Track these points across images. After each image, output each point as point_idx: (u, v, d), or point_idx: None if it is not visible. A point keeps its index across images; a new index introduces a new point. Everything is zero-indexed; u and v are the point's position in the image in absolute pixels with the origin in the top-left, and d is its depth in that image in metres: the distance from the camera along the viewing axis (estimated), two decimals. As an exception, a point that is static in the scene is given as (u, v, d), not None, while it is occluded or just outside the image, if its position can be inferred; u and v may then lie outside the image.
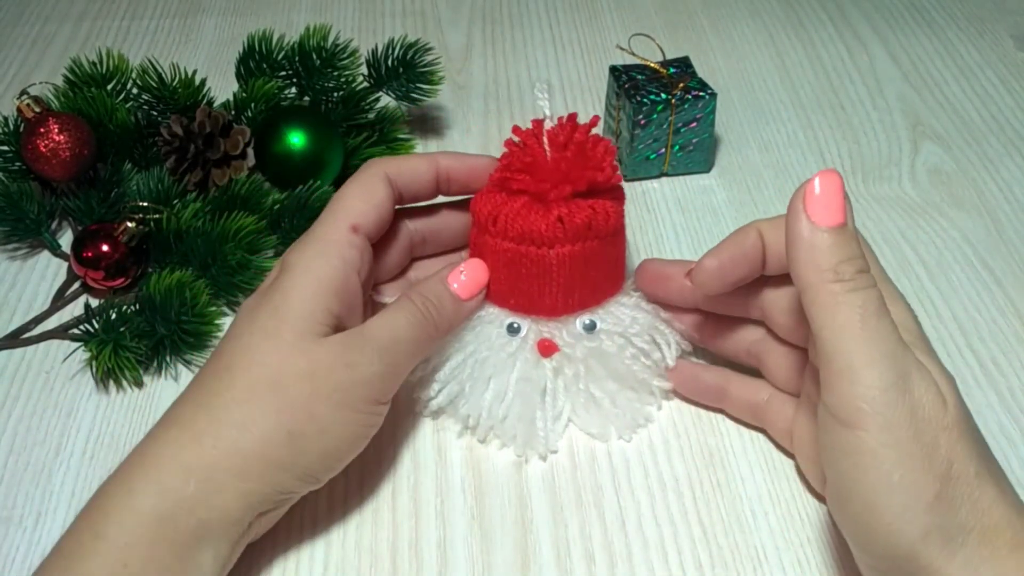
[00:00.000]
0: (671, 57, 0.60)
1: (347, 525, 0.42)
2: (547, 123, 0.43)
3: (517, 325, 0.44)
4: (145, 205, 0.53)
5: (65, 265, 0.55)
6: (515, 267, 0.43)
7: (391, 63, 0.60)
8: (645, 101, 0.57)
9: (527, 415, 0.44)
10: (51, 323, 0.52)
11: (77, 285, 0.53)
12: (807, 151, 0.63)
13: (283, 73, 0.60)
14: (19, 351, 0.50)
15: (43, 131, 0.53)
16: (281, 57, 0.60)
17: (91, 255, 0.51)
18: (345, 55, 0.59)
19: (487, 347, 0.44)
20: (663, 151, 0.59)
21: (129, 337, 0.47)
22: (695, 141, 0.59)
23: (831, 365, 0.34)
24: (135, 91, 0.59)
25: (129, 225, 0.51)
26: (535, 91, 0.44)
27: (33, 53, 0.73)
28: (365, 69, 0.61)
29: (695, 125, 0.58)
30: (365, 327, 0.40)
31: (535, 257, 0.43)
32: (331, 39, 0.60)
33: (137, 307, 0.49)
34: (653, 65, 0.59)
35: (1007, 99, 0.68)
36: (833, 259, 0.34)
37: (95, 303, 0.52)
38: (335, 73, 0.59)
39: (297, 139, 0.55)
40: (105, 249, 0.51)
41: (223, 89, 0.63)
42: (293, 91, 0.60)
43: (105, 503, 0.36)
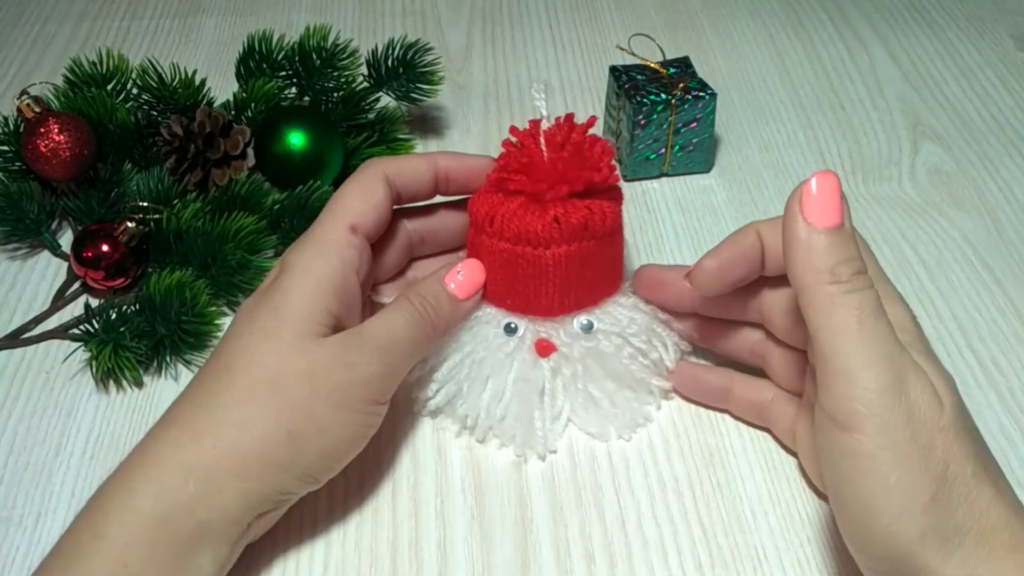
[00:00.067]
0: (671, 57, 0.60)
1: (347, 525, 0.42)
2: (544, 123, 0.43)
3: (514, 325, 0.44)
4: (145, 205, 0.53)
5: (65, 265, 0.55)
6: (512, 267, 0.43)
7: (391, 63, 0.61)
8: (645, 101, 0.57)
9: (525, 415, 0.44)
10: (51, 323, 0.52)
11: (77, 285, 0.53)
12: (807, 151, 0.63)
13: (283, 73, 0.60)
14: (19, 351, 0.50)
15: (43, 131, 0.53)
16: (281, 57, 0.60)
17: (91, 255, 0.51)
18: (345, 55, 0.60)
19: (484, 347, 0.44)
20: (663, 151, 0.59)
21: (129, 337, 0.47)
22: (695, 141, 0.59)
23: (828, 366, 0.34)
24: (135, 91, 0.59)
25: (129, 225, 0.51)
26: (532, 91, 0.44)
27: (33, 53, 0.74)
28: (365, 69, 0.61)
29: (695, 125, 0.58)
30: (363, 327, 0.40)
31: (531, 257, 0.43)
32: (331, 39, 0.60)
33: (137, 307, 0.49)
34: (653, 65, 0.59)
35: (1007, 99, 0.68)
36: (830, 261, 0.34)
37: (95, 303, 0.52)
38: (335, 73, 0.59)
39: (297, 139, 0.55)
40: (105, 249, 0.51)
41: (223, 89, 0.63)
42: (293, 91, 0.60)
43: (105, 503, 0.36)
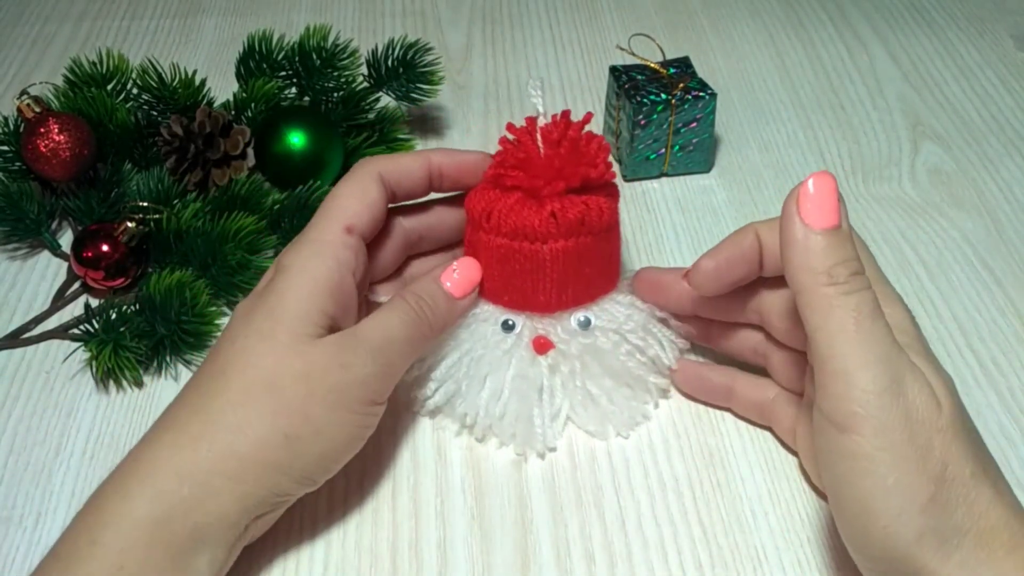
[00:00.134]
0: (671, 57, 0.60)
1: (347, 525, 0.42)
2: (541, 120, 0.43)
3: (512, 322, 0.44)
4: (145, 205, 0.53)
5: (65, 265, 0.55)
6: (509, 263, 0.43)
7: (391, 63, 0.61)
8: (645, 101, 0.57)
9: (524, 413, 0.44)
10: (51, 323, 0.52)
11: (77, 285, 0.53)
12: (807, 151, 0.63)
13: (283, 73, 0.60)
14: (19, 351, 0.50)
15: (43, 131, 0.53)
16: (281, 57, 0.60)
17: (91, 255, 0.51)
18: (345, 55, 0.60)
19: (482, 345, 0.44)
20: (663, 151, 0.59)
21: (129, 337, 0.47)
22: (695, 141, 0.59)
23: (825, 368, 0.34)
24: (135, 91, 0.59)
25: (129, 225, 0.51)
26: (529, 87, 0.44)
27: (33, 53, 0.74)
28: (365, 69, 0.61)
29: (695, 125, 0.58)
30: (359, 328, 0.40)
31: (528, 253, 0.43)
32: (331, 39, 0.60)
33: (137, 307, 0.49)
34: (653, 65, 0.59)
35: (1007, 99, 0.68)
36: (827, 262, 0.34)
37: (95, 303, 0.52)
38: (335, 73, 0.59)
39: (297, 139, 0.55)
40: (105, 249, 0.51)
41: (223, 89, 0.63)
42: (293, 91, 0.60)
43: (100, 507, 0.36)
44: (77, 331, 0.50)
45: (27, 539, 0.42)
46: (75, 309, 0.52)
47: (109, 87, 0.58)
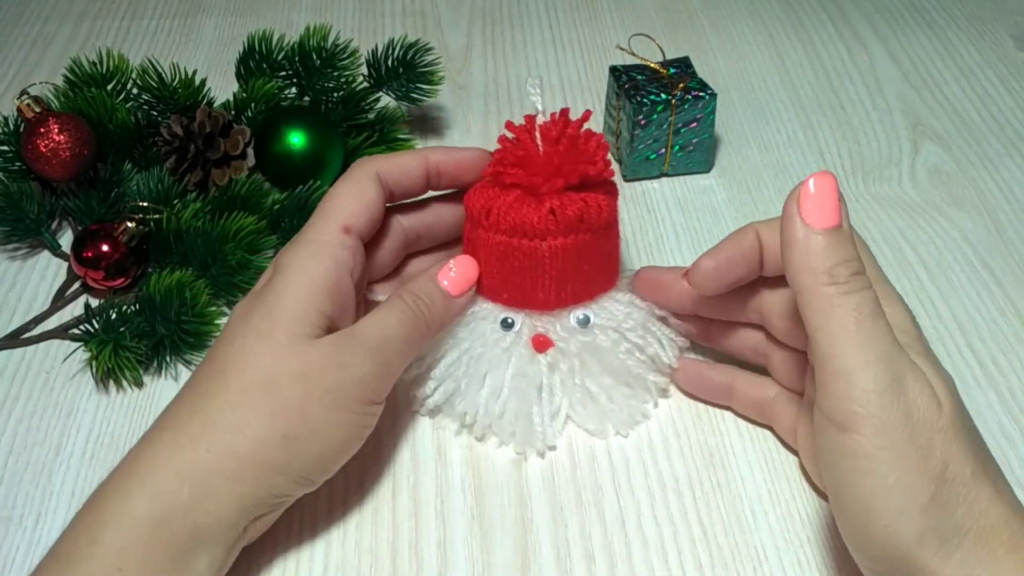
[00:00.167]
0: (671, 57, 0.60)
1: (347, 525, 0.42)
2: (539, 118, 0.43)
3: (511, 320, 0.44)
4: (145, 205, 0.53)
5: (65, 265, 0.55)
6: (508, 260, 0.43)
7: (391, 63, 0.61)
8: (645, 101, 0.57)
9: (524, 411, 0.44)
10: (51, 323, 0.52)
11: (77, 285, 0.53)
12: (807, 151, 0.63)
13: (283, 73, 0.60)
14: (19, 351, 0.50)
15: (43, 131, 0.53)
16: (281, 57, 0.60)
17: (91, 255, 0.51)
18: (345, 55, 0.60)
19: (481, 343, 0.44)
20: (663, 151, 0.59)
21: (129, 337, 0.47)
22: (695, 141, 0.59)
23: (826, 367, 0.34)
24: (135, 91, 0.59)
25: (129, 225, 0.51)
26: (527, 86, 0.44)
27: (33, 53, 0.74)
28: (365, 69, 0.61)
29: (695, 125, 0.58)
30: (356, 327, 0.40)
31: (527, 250, 0.43)
32: (331, 39, 0.60)
33: (137, 307, 0.49)
34: (653, 65, 0.59)
35: (1007, 99, 0.68)
36: (828, 262, 0.34)
37: (95, 303, 0.52)
38: (335, 73, 0.59)
39: (297, 139, 0.55)
40: (105, 249, 0.51)
41: (223, 89, 0.63)
42: (293, 91, 0.60)
43: (100, 507, 0.36)
44: (77, 331, 0.50)
45: (27, 539, 0.42)
46: (75, 309, 0.52)
47: (109, 87, 0.58)
